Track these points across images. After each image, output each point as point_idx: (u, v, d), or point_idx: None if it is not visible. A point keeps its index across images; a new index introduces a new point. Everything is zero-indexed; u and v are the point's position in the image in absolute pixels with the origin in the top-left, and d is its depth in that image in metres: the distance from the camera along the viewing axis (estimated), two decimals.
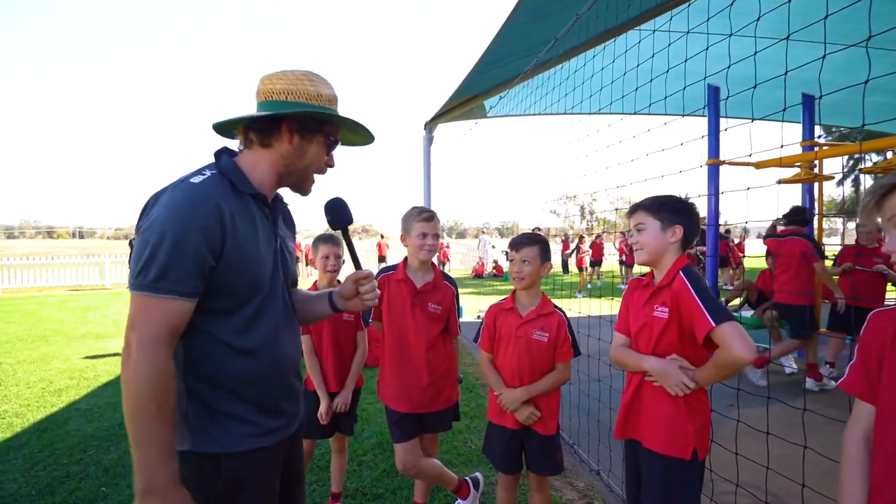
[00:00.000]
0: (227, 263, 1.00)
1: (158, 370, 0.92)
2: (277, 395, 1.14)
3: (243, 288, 1.05)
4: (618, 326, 1.70)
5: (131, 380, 0.91)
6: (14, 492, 2.64)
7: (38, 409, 3.92)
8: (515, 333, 1.92)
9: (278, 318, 1.13)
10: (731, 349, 1.32)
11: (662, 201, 1.57)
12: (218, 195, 1.01)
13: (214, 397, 1.05)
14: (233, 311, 1.05)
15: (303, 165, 1.15)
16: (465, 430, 3.37)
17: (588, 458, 2.86)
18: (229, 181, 1.06)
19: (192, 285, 0.96)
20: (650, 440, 1.54)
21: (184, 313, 0.97)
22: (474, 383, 4.51)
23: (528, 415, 1.87)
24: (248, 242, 1.05)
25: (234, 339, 1.04)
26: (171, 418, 0.95)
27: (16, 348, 6.14)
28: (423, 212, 2.11)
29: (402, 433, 2.06)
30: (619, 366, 1.67)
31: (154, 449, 0.92)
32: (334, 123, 1.18)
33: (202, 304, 1.00)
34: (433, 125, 7.00)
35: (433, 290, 2.12)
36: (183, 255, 0.94)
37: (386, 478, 2.73)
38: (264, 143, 1.11)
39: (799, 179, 4.42)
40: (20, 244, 69.07)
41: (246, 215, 1.06)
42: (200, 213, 0.96)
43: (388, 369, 2.12)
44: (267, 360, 1.10)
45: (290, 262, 1.21)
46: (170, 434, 0.95)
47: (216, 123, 1.15)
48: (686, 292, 1.44)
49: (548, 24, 3.80)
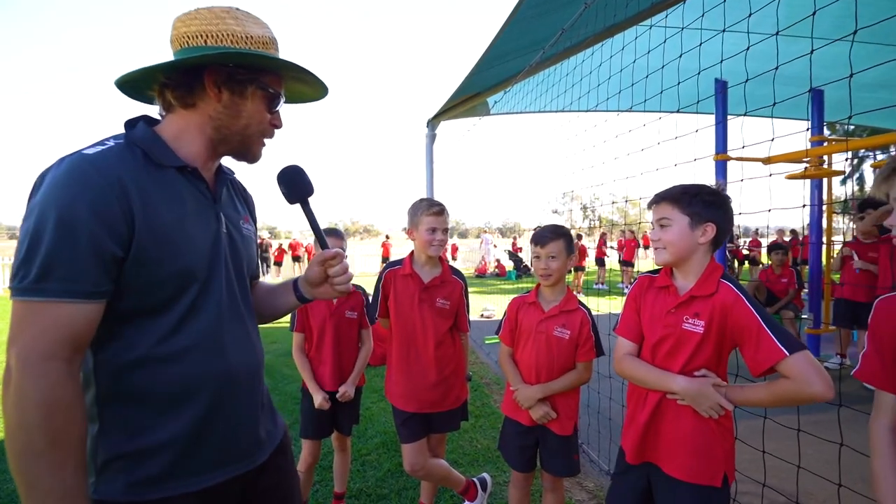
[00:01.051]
0: (140, 252, 0.79)
1: (49, 395, 0.71)
2: (224, 414, 0.90)
3: (166, 281, 0.83)
4: (621, 330, 1.47)
5: (12, 410, 0.71)
6: (12, 492, 2.59)
7: None
8: (536, 328, 1.85)
9: (221, 315, 0.91)
10: (807, 385, 1.14)
11: (694, 192, 1.34)
12: (120, 168, 0.79)
13: (126, 425, 0.82)
14: (158, 312, 0.83)
15: (239, 126, 0.92)
16: (472, 429, 3.31)
17: (598, 459, 2.80)
18: (142, 152, 0.84)
19: (90, 283, 0.75)
20: (673, 466, 1.34)
21: (83, 320, 0.75)
22: (480, 382, 4.45)
23: (543, 414, 1.80)
24: (171, 224, 0.83)
25: (158, 346, 0.83)
26: (73, 456, 0.73)
27: None
28: (433, 205, 2.03)
29: (410, 433, 2.00)
30: (628, 379, 1.45)
31: (50, 498, 0.70)
32: (272, 71, 0.93)
33: (116, 307, 0.80)
34: (436, 122, 6.95)
35: (441, 285, 2.05)
36: (73, 245, 0.73)
37: (391, 478, 2.67)
38: (187, 104, 0.89)
39: (808, 175, 4.35)
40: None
41: (166, 191, 0.85)
42: (93, 191, 0.74)
43: (395, 368, 2.06)
44: (201, 368, 0.86)
45: (242, 247, 1.00)
46: (72, 477, 0.72)
47: (119, 80, 0.89)
48: (743, 311, 1.25)
49: (553, 18, 3.74)
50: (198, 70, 0.87)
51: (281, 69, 0.94)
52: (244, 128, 0.93)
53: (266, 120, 0.96)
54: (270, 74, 0.93)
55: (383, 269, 2.13)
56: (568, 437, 1.84)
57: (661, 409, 1.37)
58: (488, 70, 5.07)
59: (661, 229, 1.37)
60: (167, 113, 0.93)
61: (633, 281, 1.60)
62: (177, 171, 0.88)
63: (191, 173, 0.90)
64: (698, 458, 1.31)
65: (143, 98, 0.97)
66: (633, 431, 1.43)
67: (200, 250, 0.88)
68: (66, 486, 0.71)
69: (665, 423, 1.37)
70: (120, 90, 0.93)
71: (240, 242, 1.00)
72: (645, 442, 1.41)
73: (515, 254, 16.83)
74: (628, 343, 1.46)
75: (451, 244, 20.59)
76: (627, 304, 1.51)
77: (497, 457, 2.87)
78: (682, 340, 1.33)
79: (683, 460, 1.33)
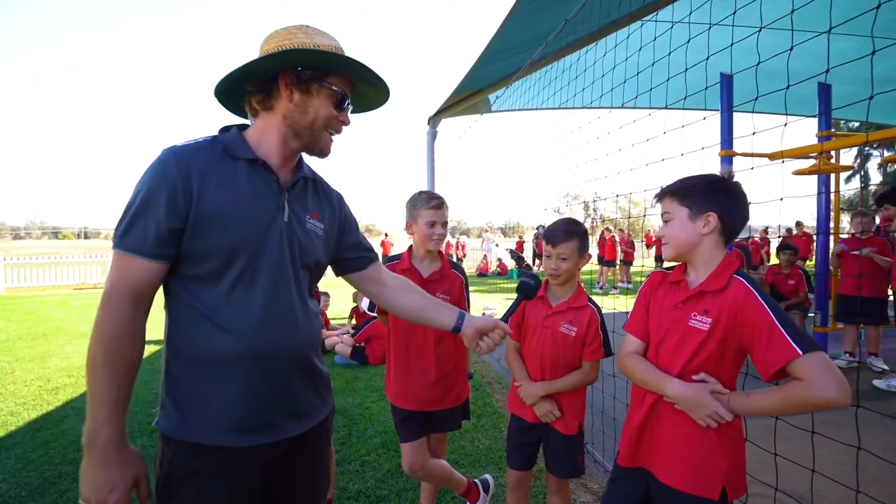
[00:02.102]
0: (195, 225, 0.95)
1: (113, 325, 0.91)
2: (260, 388, 1.01)
3: (215, 252, 0.97)
4: (630, 327, 1.42)
5: (92, 331, 0.92)
6: (4, 493, 2.54)
7: (33, 408, 3.82)
8: (542, 324, 1.79)
9: (270, 293, 1.02)
10: (820, 388, 1.05)
11: (691, 184, 1.29)
12: (195, 157, 0.98)
13: (184, 375, 0.99)
14: (211, 279, 0.98)
15: (307, 122, 1.06)
16: (473, 429, 3.25)
17: (603, 459, 2.73)
18: (223, 147, 1.02)
19: (152, 245, 0.93)
20: (667, 473, 1.27)
21: (145, 274, 0.94)
22: (482, 381, 4.39)
23: (546, 411, 1.74)
24: (223, 204, 0.98)
25: (213, 311, 0.98)
26: (121, 377, 0.92)
27: (16, 346, 6.06)
28: (433, 198, 1.97)
29: (409, 433, 1.94)
30: (628, 378, 1.40)
31: (98, 404, 0.90)
32: (336, 73, 1.07)
33: (180, 271, 0.98)
34: (437, 120, 6.89)
35: (441, 280, 1.99)
36: (145, 214, 0.93)
37: (390, 479, 2.61)
38: (266, 107, 1.06)
39: (816, 170, 4.28)
40: (27, 244, 69.53)
41: (228, 178, 1.00)
42: (167, 176, 0.95)
43: (394, 365, 2.00)
44: (246, 339, 0.99)
45: (302, 237, 1.10)
46: (115, 393, 0.91)
47: (216, 90, 1.09)
48: (755, 307, 1.17)
49: (556, 12, 3.67)
50: (274, 77, 1.04)
51: (342, 67, 1.07)
52: (311, 122, 1.06)
53: (332, 115, 1.07)
54: (335, 76, 1.06)
55: (382, 263, 2.06)
56: (573, 437, 1.78)
57: (656, 410, 1.31)
58: (490, 66, 5.01)
59: (665, 224, 1.33)
60: (253, 118, 1.10)
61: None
62: (248, 164, 1.03)
63: (261, 165, 1.04)
64: (694, 466, 1.23)
65: (239, 111, 1.15)
66: (628, 433, 1.37)
67: (251, 230, 1.00)
68: (109, 398, 0.90)
69: (661, 427, 1.30)
70: (220, 103, 1.12)
71: (299, 233, 1.09)
72: (639, 445, 1.34)
73: (517, 253, 16.77)
74: (635, 340, 1.40)
75: (458, 242, 20.53)
76: (638, 300, 1.45)
77: (500, 457, 2.81)
78: (685, 337, 1.26)
79: (678, 468, 1.25)
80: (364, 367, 4.92)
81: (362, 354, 5.00)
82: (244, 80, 1.05)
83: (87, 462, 0.90)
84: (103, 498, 0.89)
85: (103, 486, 0.89)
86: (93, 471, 0.89)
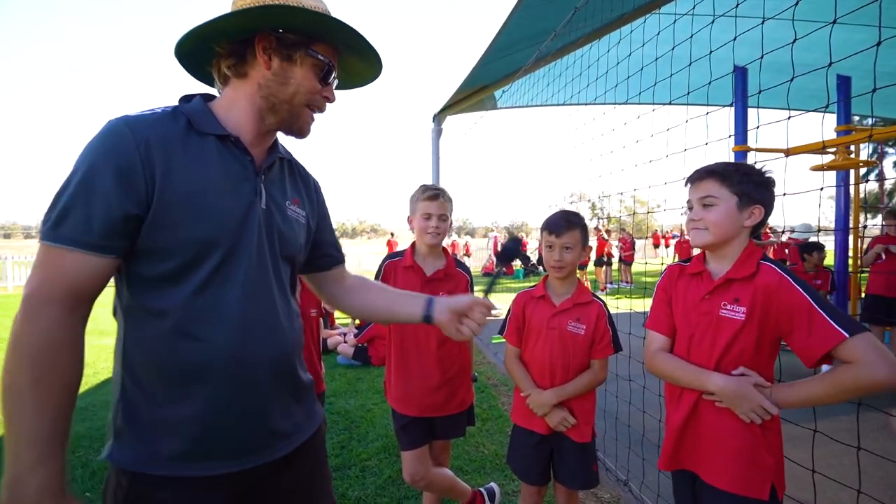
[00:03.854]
0: (158, 214, 0.78)
1: (43, 336, 0.73)
2: (234, 406, 0.85)
3: (184, 245, 0.81)
4: (652, 323, 1.35)
5: (9, 345, 0.73)
6: None
7: None
8: (547, 325, 1.68)
9: (246, 292, 0.86)
10: (874, 369, 1.00)
11: (745, 171, 1.22)
12: (152, 131, 0.80)
13: (142, 395, 0.82)
14: (176, 279, 0.82)
15: (286, 94, 0.89)
16: (478, 433, 3.14)
17: (615, 467, 2.61)
18: (186, 120, 0.85)
19: (98, 234, 0.75)
20: (714, 475, 1.21)
21: (87, 271, 0.76)
22: (487, 383, 4.28)
23: (560, 420, 1.62)
24: (193, 189, 0.81)
25: (179, 317, 0.81)
26: (55, 402, 0.73)
27: None
28: (427, 189, 1.87)
29: (410, 440, 1.84)
30: (660, 377, 1.33)
31: (21, 441, 0.70)
32: (326, 41, 0.91)
33: (136, 270, 0.81)
34: (442, 117, 6.79)
35: (445, 279, 1.88)
36: (89, 199, 0.75)
37: (391, 486, 2.51)
38: (240, 73, 0.90)
39: (836, 166, 4.11)
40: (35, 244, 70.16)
41: (196, 158, 0.83)
42: (119, 150, 0.77)
43: (395, 368, 1.89)
44: (218, 347, 0.83)
45: (282, 226, 0.95)
46: (49, 425, 0.72)
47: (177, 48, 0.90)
48: (791, 291, 1.12)
49: (565, 3, 3.55)
50: (249, 39, 0.87)
51: (332, 33, 0.90)
52: (292, 96, 0.90)
53: (315, 89, 0.92)
54: (322, 43, 0.91)
55: (383, 261, 1.97)
56: (586, 445, 1.66)
57: (698, 410, 1.24)
58: (496, 61, 4.90)
59: (704, 209, 1.24)
60: (223, 86, 0.93)
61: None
62: (217, 140, 0.87)
63: (233, 143, 0.88)
64: (741, 465, 1.16)
65: (203, 77, 0.97)
66: (668, 435, 1.30)
67: (225, 219, 0.85)
68: (39, 431, 0.71)
69: (703, 426, 1.23)
70: (181, 64, 0.94)
71: (279, 221, 0.94)
72: (680, 446, 1.27)
73: (522, 251, 16.63)
74: (660, 337, 1.32)
75: (463, 243, 20.43)
76: (657, 295, 1.37)
77: (506, 464, 2.69)
78: (720, 329, 1.19)
79: (725, 467, 1.19)
80: (366, 367, 4.83)
81: (365, 355, 4.91)
82: (213, 40, 0.88)
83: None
84: None
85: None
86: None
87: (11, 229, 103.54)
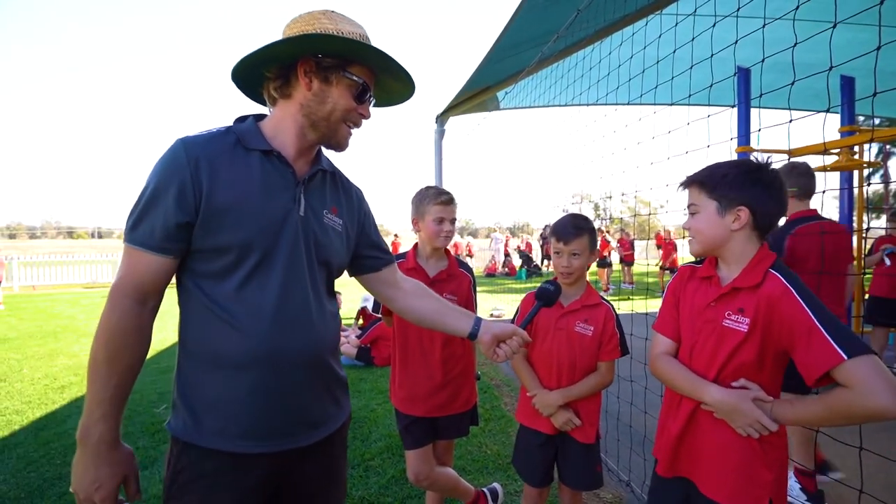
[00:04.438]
0: (205, 220, 0.92)
1: (116, 321, 0.90)
2: (271, 392, 0.96)
3: (227, 248, 0.94)
4: (660, 325, 1.32)
5: (97, 328, 0.91)
6: (3, 494, 2.50)
7: (38, 407, 3.80)
8: (555, 325, 1.69)
9: (281, 293, 0.97)
10: (870, 396, 0.94)
11: (721, 173, 1.17)
12: (205, 149, 0.94)
13: (195, 375, 0.96)
14: (222, 276, 0.95)
15: (324, 112, 1.00)
16: (481, 433, 3.15)
17: (618, 468, 2.62)
18: (236, 137, 0.98)
19: (160, 239, 0.91)
20: (710, 486, 1.17)
21: (151, 269, 0.92)
22: (489, 383, 4.29)
23: (566, 420, 1.64)
24: (238, 197, 0.94)
25: (224, 309, 0.94)
26: (119, 375, 0.90)
27: (25, 344, 6.09)
28: (441, 193, 1.88)
29: (414, 439, 1.85)
30: (661, 381, 1.30)
31: (94, 400, 0.89)
32: (361, 63, 1.01)
33: (191, 266, 0.96)
34: (445, 118, 6.80)
35: (448, 280, 1.90)
36: (154, 208, 0.91)
37: (394, 485, 2.52)
38: (285, 94, 1.02)
39: (840, 167, 4.10)
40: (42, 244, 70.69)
41: (240, 170, 0.96)
42: (176, 167, 0.92)
43: (399, 368, 1.90)
44: (257, 343, 0.94)
45: (319, 233, 1.04)
46: (112, 391, 0.90)
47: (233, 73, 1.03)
48: (792, 304, 1.06)
49: (568, 4, 3.56)
50: (293, 64, 0.99)
51: (364, 57, 1.00)
52: (329, 113, 1.00)
53: (351, 107, 1.01)
54: (357, 65, 1.00)
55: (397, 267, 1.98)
56: (591, 446, 1.68)
57: (696, 418, 1.21)
58: (499, 62, 4.91)
59: (691, 217, 1.22)
60: (272, 106, 1.05)
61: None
62: (262, 154, 0.99)
63: (275, 157, 1.00)
64: (738, 478, 1.14)
65: (258, 98, 1.09)
66: (665, 442, 1.27)
67: (264, 225, 0.95)
68: (105, 395, 0.89)
69: (701, 436, 1.20)
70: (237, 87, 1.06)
71: (316, 228, 1.04)
72: (678, 455, 1.24)
73: (526, 253, 16.61)
74: (665, 340, 1.30)
75: (465, 243, 20.42)
76: (666, 296, 1.34)
77: (508, 464, 2.70)
78: (721, 338, 1.15)
79: (721, 479, 1.16)
80: (369, 368, 4.84)
81: (368, 355, 4.93)
82: (263, 65, 1.00)
83: (79, 457, 0.90)
84: (89, 495, 0.89)
85: (91, 482, 0.89)
86: (83, 466, 0.89)
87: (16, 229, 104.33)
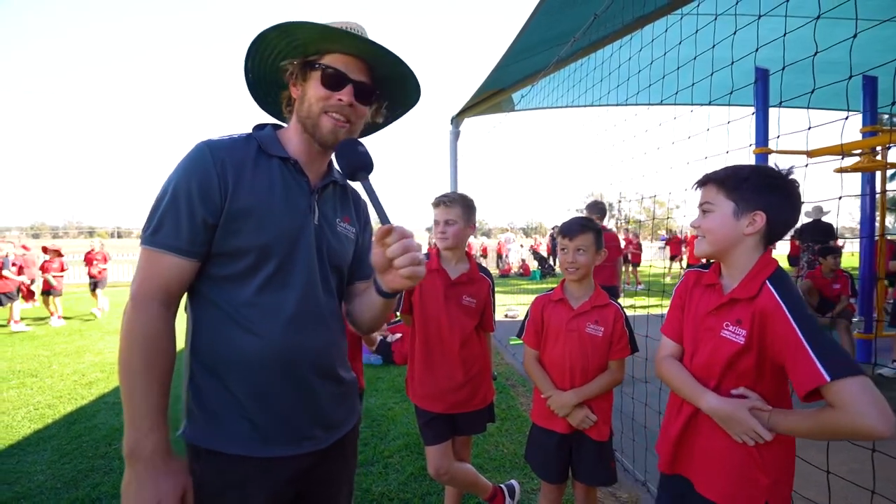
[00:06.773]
0: (227, 222, 0.92)
1: (149, 326, 0.87)
2: (289, 395, 0.96)
3: (247, 251, 0.94)
4: (667, 328, 1.33)
5: (123, 334, 0.88)
6: (41, 484, 2.62)
7: (69, 401, 3.95)
8: (566, 327, 1.73)
9: (299, 297, 0.97)
10: (855, 417, 0.93)
11: (744, 176, 1.14)
12: (231, 152, 0.94)
13: (209, 380, 0.94)
14: (240, 280, 0.94)
15: (305, 109, 0.99)
16: (497, 432, 3.19)
17: (633, 468, 2.64)
18: (257, 144, 1.00)
19: (186, 241, 0.89)
20: (706, 485, 1.19)
21: (177, 272, 0.90)
22: (505, 384, 4.33)
23: (582, 418, 1.68)
24: (260, 201, 0.95)
25: (241, 313, 0.93)
26: (162, 382, 0.88)
27: (53, 341, 6.31)
28: (436, 197, 1.98)
29: (435, 435, 1.91)
30: (665, 383, 1.32)
31: (138, 413, 0.84)
32: (337, 52, 0.97)
33: (208, 270, 0.94)
34: (460, 119, 6.85)
35: (468, 282, 1.95)
36: (178, 209, 0.89)
37: (413, 482, 2.58)
38: (293, 106, 1.05)
39: (861, 167, 4.05)
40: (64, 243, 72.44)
41: (262, 176, 0.97)
42: (202, 167, 0.91)
43: (419, 367, 1.96)
44: (274, 346, 0.93)
45: (333, 241, 1.05)
46: (156, 400, 0.86)
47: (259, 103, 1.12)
48: (781, 322, 1.05)
49: (584, 8, 3.58)
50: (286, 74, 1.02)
51: (334, 42, 0.95)
52: (308, 108, 0.98)
53: (323, 95, 0.97)
54: (331, 55, 0.97)
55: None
56: (604, 443, 1.72)
57: (695, 421, 1.23)
58: (514, 64, 4.94)
59: (703, 215, 1.20)
60: (290, 117, 1.06)
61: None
62: (281, 162, 1.00)
63: (293, 165, 1.01)
64: (732, 481, 1.15)
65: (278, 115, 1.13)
66: (666, 442, 1.30)
67: (282, 231, 0.96)
68: (150, 404, 0.85)
69: (699, 438, 1.22)
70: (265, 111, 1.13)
71: (329, 236, 1.05)
72: (677, 453, 1.27)
73: (538, 252, 16.57)
74: (671, 343, 1.31)
75: (479, 244, 20.40)
76: (674, 300, 1.36)
77: (525, 462, 2.74)
78: (719, 349, 1.15)
79: (716, 480, 1.17)
80: (386, 366, 4.91)
81: (388, 350, 4.95)
82: (270, 91, 1.07)
83: (132, 475, 0.83)
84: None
85: (152, 499, 0.82)
86: (139, 484, 0.82)
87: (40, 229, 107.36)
